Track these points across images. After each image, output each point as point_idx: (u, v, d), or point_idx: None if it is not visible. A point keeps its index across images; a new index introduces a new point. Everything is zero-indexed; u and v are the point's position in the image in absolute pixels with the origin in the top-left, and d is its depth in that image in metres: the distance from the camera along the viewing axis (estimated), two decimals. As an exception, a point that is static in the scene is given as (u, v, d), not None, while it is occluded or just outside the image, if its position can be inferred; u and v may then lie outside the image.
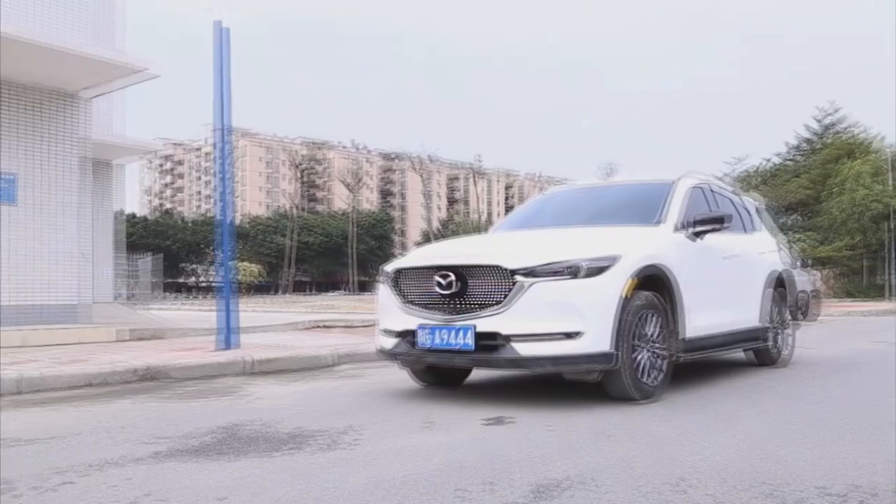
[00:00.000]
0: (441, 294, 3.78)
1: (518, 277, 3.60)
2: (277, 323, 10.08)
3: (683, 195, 4.69)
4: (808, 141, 32.47)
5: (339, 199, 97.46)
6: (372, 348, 6.15)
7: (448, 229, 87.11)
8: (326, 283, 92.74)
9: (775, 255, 5.81)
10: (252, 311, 17.37)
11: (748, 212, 5.83)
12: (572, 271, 3.59)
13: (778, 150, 36.03)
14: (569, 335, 3.52)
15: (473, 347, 3.64)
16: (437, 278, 3.79)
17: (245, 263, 52.21)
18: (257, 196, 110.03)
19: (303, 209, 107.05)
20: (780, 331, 5.60)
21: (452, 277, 3.74)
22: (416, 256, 4.22)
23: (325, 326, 10.03)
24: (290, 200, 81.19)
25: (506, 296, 3.61)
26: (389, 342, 4.10)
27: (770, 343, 5.36)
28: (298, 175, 74.46)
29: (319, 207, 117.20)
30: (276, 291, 75.76)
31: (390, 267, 4.22)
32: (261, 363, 5.56)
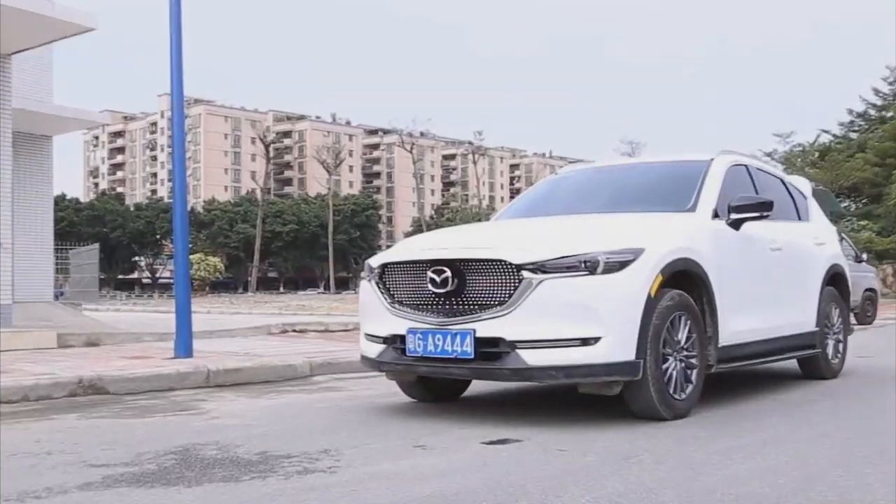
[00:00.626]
0: (435, 293, 3.78)
1: (525, 273, 3.60)
2: (242, 326, 10.09)
3: (721, 176, 4.66)
4: (876, 107, 30.68)
5: (315, 181, 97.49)
6: (353, 356, 6.15)
7: (443, 217, 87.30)
8: (300, 280, 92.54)
9: (834, 246, 5.75)
10: (213, 312, 17.41)
11: (801, 195, 5.79)
12: (589, 266, 3.59)
13: (839, 118, 34.07)
14: (585, 341, 3.52)
15: (473, 355, 3.65)
16: (431, 274, 3.79)
17: (200, 255, 52.06)
18: (219, 177, 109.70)
19: (272, 193, 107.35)
20: (838, 337, 5.56)
21: (448, 273, 3.74)
22: (406, 249, 4.22)
23: (298, 331, 10.03)
24: (258, 182, 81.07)
25: (511, 295, 3.61)
26: (374, 349, 4.11)
27: (824, 351, 5.33)
28: (267, 152, 73.96)
29: (292, 191, 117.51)
30: (240, 289, 75.76)
31: (375, 261, 4.22)
32: (223, 374, 5.56)
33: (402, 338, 3.89)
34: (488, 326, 3.63)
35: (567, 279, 3.57)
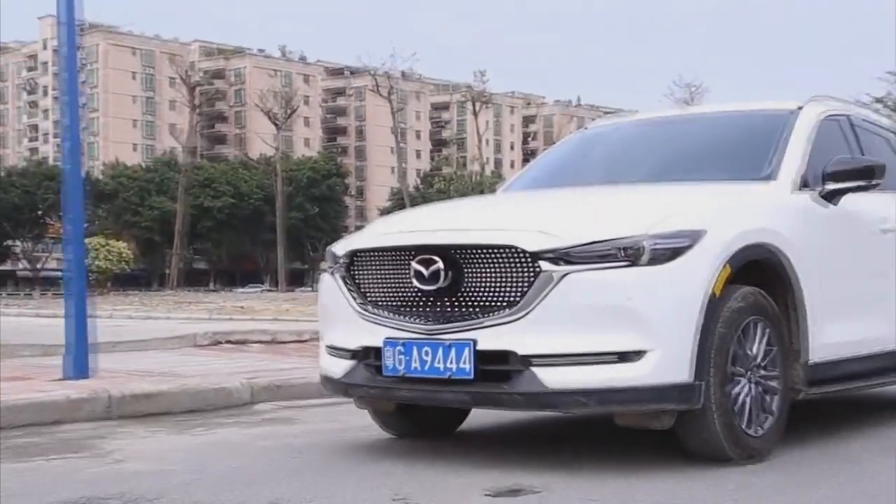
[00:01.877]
0: (422, 291, 3.83)
1: (544, 264, 3.62)
2: (159, 336, 10.09)
3: (811, 131, 4.67)
4: None
5: (259, 139, 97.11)
6: (310, 376, 6.12)
7: (432, 188, 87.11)
8: (238, 273, 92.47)
9: None
10: (117, 316, 17.24)
11: None
12: (630, 255, 3.61)
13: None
14: (624, 356, 3.56)
15: (472, 375, 3.67)
16: (416, 266, 3.81)
17: (100, 239, 51.49)
18: (126, 132, 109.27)
19: (200, 154, 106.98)
20: None
21: (440, 264, 3.75)
22: (383, 231, 4.27)
23: (235, 342, 10.02)
24: (179, 140, 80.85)
25: (524, 293, 3.64)
26: (339, 367, 4.16)
27: None
28: (191, 99, 73.61)
29: (226, 151, 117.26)
30: (155, 285, 75.76)
31: (341, 248, 4.26)
32: (131, 401, 5.54)
33: (378, 351, 3.92)
34: (494, 336, 3.67)
35: (600, 272, 3.60)
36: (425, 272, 3.77)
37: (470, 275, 3.76)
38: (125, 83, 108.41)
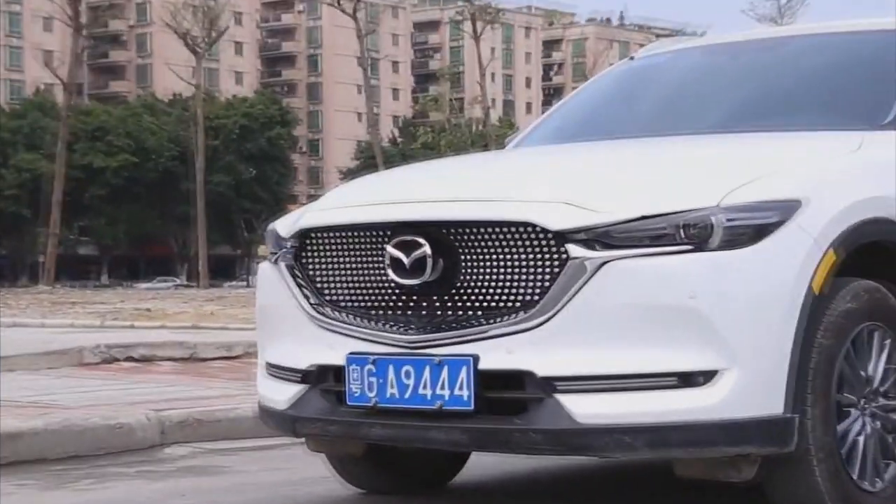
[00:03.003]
0: (402, 286, 3.85)
1: (574, 249, 3.60)
2: (30, 351, 10.02)
3: None
4: None
5: (170, 72, 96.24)
6: (243, 407, 6.21)
7: (416, 141, 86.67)
8: (141, 261, 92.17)
9: None
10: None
11: None
12: (695, 235, 3.62)
13: None
14: (687, 379, 3.57)
15: (472, 405, 3.68)
16: (394, 251, 3.82)
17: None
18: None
19: (87, 93, 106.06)
20: None
21: (426, 249, 3.74)
22: (347, 201, 4.33)
23: (139, 358, 10.02)
24: (59, 75, 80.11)
25: (545, 289, 3.65)
26: (285, 394, 4.19)
27: None
28: (74, 14, 73.05)
29: (124, 89, 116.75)
30: (25, 278, 75.48)
31: (289, 226, 4.31)
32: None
33: (339, 372, 3.94)
34: (503, 350, 3.68)
35: (652, 260, 3.61)
36: (406, 260, 3.77)
37: (469, 264, 3.76)
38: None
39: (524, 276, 3.69)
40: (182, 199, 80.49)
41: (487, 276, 3.74)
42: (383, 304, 3.92)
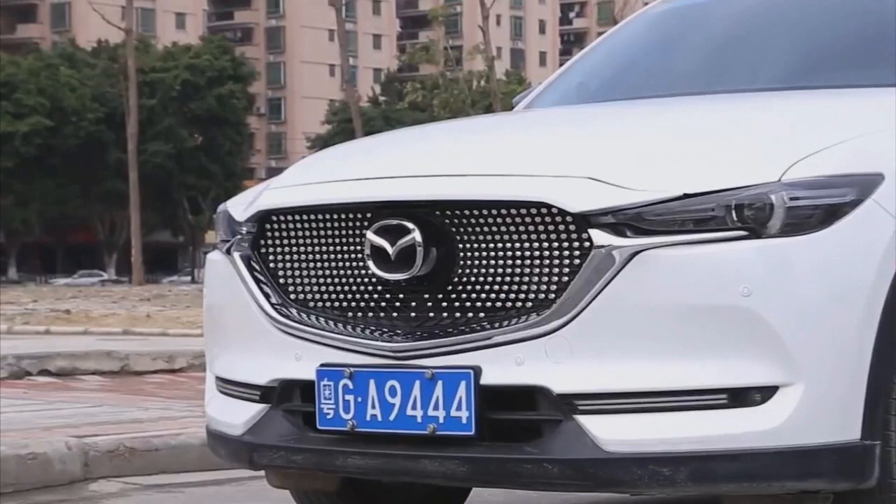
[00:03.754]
0: (385, 281, 3.88)
1: (599, 235, 3.65)
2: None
3: None
4: None
5: (95, 15, 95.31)
6: (189, 430, 6.29)
7: (402, 100, 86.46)
8: (61, 251, 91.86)
9: None
10: None
11: None
12: (750, 218, 3.64)
13: None
14: (739, 396, 3.59)
15: (473, 429, 3.72)
16: (375, 238, 3.86)
17: None
18: None
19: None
20: None
21: (415, 235, 3.80)
22: (317, 177, 4.34)
23: (57, 372, 10.11)
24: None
25: (563, 285, 3.68)
26: (241, 415, 4.22)
27: None
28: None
29: (34, 34, 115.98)
30: None
31: (245, 207, 4.34)
32: None
33: (307, 388, 3.98)
34: (510, 360, 3.70)
35: (697, 249, 3.63)
36: (391, 249, 3.79)
37: (468, 254, 3.79)
38: None
39: (537, 270, 3.71)
40: (110, 172, 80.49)
41: (491, 270, 3.76)
42: (362, 303, 3.95)
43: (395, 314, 3.88)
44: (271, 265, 4.14)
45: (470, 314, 3.78)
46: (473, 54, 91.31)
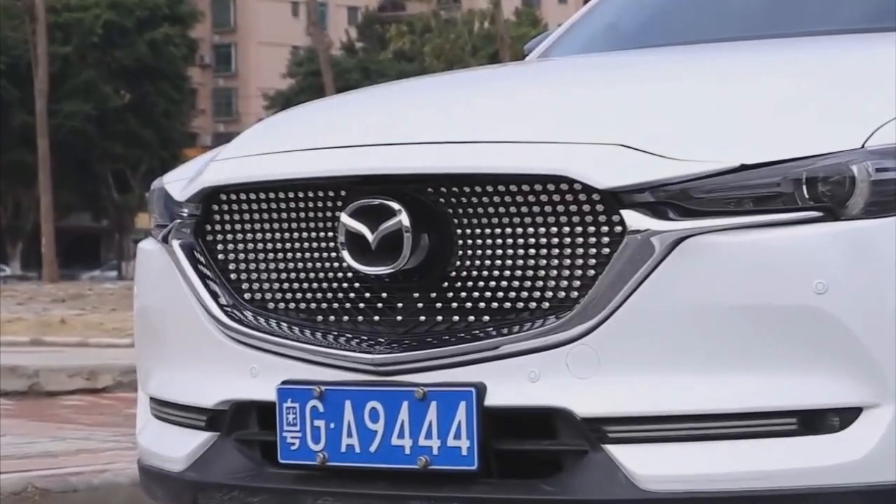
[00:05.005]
0: (362, 276, 3.85)
1: (634, 217, 3.57)
2: None
3: None
4: None
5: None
6: (116, 465, 6.38)
7: (384, 48, 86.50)
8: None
9: None
10: None
11: None
12: (827, 195, 3.56)
13: None
14: (815, 420, 3.53)
15: (475, 463, 3.66)
16: (350, 220, 3.79)
17: None
18: None
19: None
20: None
21: (401, 218, 3.73)
22: (276, 144, 4.30)
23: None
24: None
25: (587, 281, 3.62)
26: (182, 447, 4.19)
27: None
28: None
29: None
30: None
31: (184, 183, 4.32)
32: None
33: (266, 412, 3.93)
34: (522, 375, 3.64)
35: (757, 234, 3.57)
36: (371, 236, 3.73)
37: (468, 241, 3.74)
38: None
39: (556, 261, 3.64)
40: (13, 140, 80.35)
41: (498, 261, 3.70)
42: (335, 304, 3.89)
43: (376, 318, 3.80)
44: (220, 257, 4.08)
45: (471, 317, 3.71)
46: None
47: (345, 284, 3.87)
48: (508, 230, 3.71)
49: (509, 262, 3.71)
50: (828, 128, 3.69)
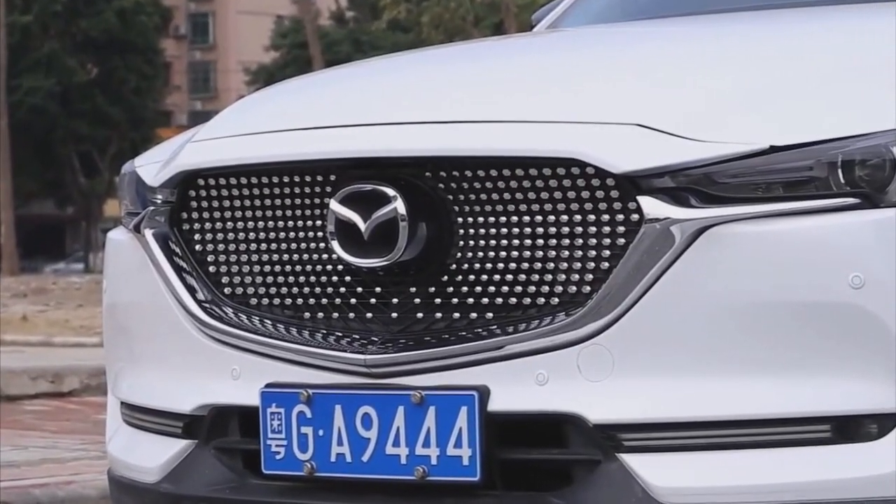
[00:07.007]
0: (353, 269, 3.87)
1: (652, 204, 3.59)
2: None
3: None
4: None
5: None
6: (83, 477, 6.31)
7: (378, 17, 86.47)
8: None
9: None
10: None
11: None
12: (863, 180, 3.59)
13: None
14: (849, 427, 3.54)
15: (478, 474, 3.67)
16: (340, 207, 3.80)
17: None
18: None
19: None
20: None
21: (397, 205, 3.75)
22: (258, 124, 4.31)
23: None
24: None
25: (601, 274, 3.64)
26: (156, 456, 4.19)
27: None
28: None
29: None
30: None
31: (157, 167, 4.33)
32: None
33: (248, 418, 3.93)
34: (529, 378, 3.65)
35: (787, 223, 3.58)
36: (363, 225, 3.74)
37: (470, 231, 3.75)
38: None
39: (566, 252, 3.65)
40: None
41: (503, 253, 3.70)
42: (324, 300, 3.87)
43: (369, 315, 3.79)
44: (197, 248, 4.06)
45: (473, 315, 3.70)
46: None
47: (334, 278, 3.86)
48: (514, 218, 3.70)
49: (515, 253, 3.70)
50: (864, 106, 3.67)
